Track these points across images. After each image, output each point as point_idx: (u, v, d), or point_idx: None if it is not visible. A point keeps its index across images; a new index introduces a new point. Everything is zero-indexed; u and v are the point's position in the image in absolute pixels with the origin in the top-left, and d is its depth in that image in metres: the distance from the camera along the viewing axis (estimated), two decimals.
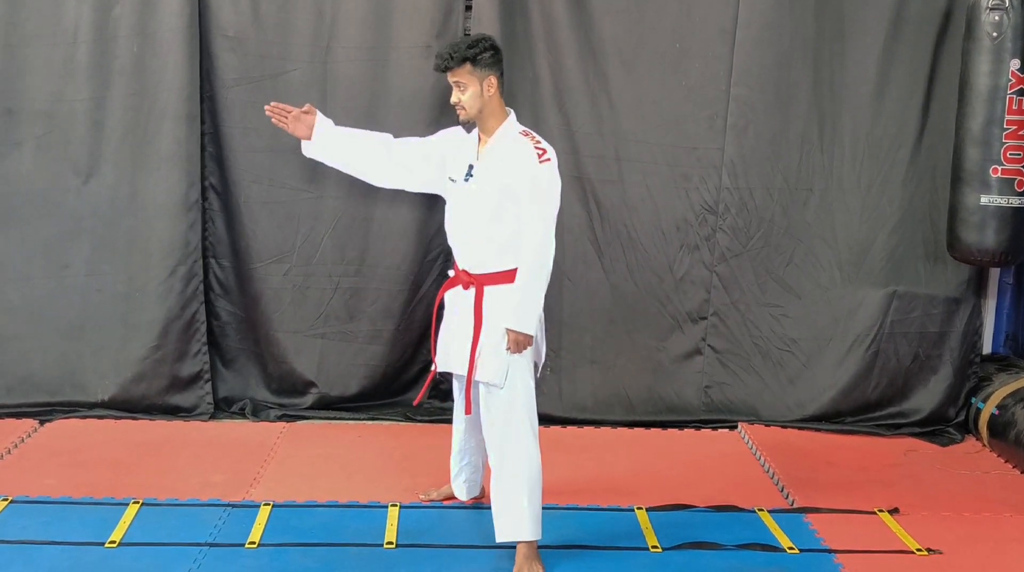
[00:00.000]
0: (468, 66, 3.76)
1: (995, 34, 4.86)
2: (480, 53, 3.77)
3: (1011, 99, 4.89)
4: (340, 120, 5.29)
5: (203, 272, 5.40)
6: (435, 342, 4.16)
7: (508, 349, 3.77)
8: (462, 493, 4.42)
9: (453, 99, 3.85)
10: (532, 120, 5.27)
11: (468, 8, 5.28)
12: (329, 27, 5.27)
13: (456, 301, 3.98)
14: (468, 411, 4.02)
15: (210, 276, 5.47)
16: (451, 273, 4.07)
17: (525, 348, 3.79)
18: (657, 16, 5.31)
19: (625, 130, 5.39)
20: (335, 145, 4.19)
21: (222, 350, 5.58)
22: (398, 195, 5.36)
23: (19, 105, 5.24)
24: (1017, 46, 4.86)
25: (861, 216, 5.48)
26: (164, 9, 5.16)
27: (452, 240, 4.05)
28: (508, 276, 3.80)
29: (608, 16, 5.30)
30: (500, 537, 3.88)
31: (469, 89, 3.79)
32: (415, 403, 5.03)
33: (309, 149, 4.21)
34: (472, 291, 3.87)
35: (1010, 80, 4.89)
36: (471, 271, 3.90)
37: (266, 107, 4.19)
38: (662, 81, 5.36)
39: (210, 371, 5.49)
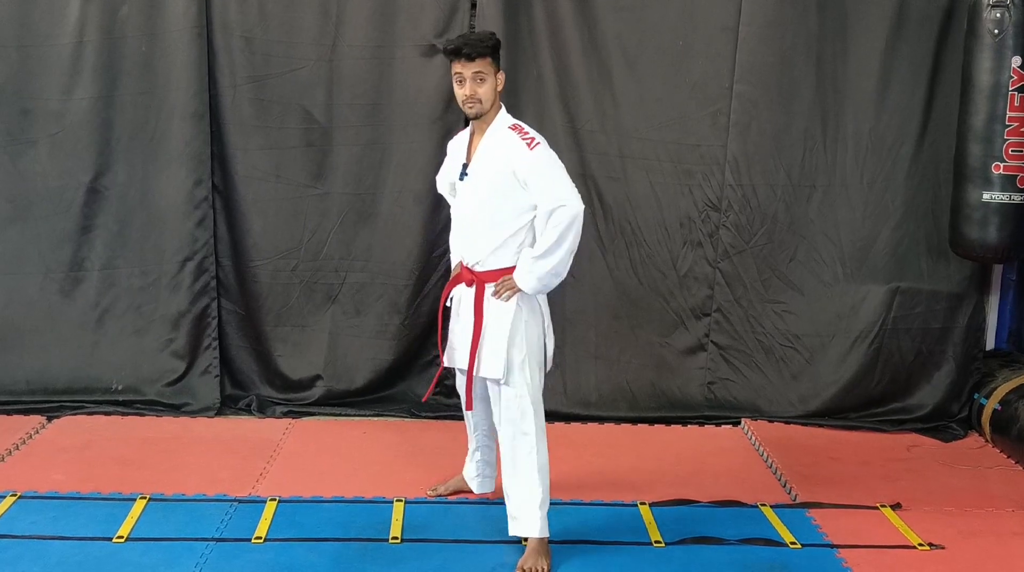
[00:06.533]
0: (490, 59, 3.78)
1: (996, 31, 4.87)
2: (497, 47, 3.82)
3: (1013, 96, 4.89)
4: (345, 117, 5.36)
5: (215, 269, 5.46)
6: (442, 338, 4.15)
7: (498, 289, 3.81)
8: (475, 486, 4.44)
9: (468, 91, 3.76)
10: (536, 118, 5.28)
11: (473, 6, 5.29)
12: (335, 26, 5.28)
13: (462, 297, 4.00)
14: (468, 407, 4.05)
15: (218, 274, 5.50)
16: (455, 269, 4.10)
17: (508, 293, 3.80)
18: (660, 14, 5.32)
19: (628, 127, 5.40)
20: None
21: (228, 346, 5.60)
22: (404, 191, 5.40)
23: (33, 104, 5.28)
24: (1018, 43, 4.86)
25: (864, 212, 5.48)
26: (171, 9, 5.19)
27: (455, 238, 4.08)
28: (508, 273, 3.82)
29: (612, 14, 5.31)
30: (513, 531, 3.91)
31: (487, 81, 3.77)
32: (424, 399, 5.06)
33: None
34: (474, 288, 3.89)
35: (1011, 77, 4.88)
36: (473, 268, 3.92)
37: None
38: (665, 78, 5.37)
39: (218, 367, 5.54)
